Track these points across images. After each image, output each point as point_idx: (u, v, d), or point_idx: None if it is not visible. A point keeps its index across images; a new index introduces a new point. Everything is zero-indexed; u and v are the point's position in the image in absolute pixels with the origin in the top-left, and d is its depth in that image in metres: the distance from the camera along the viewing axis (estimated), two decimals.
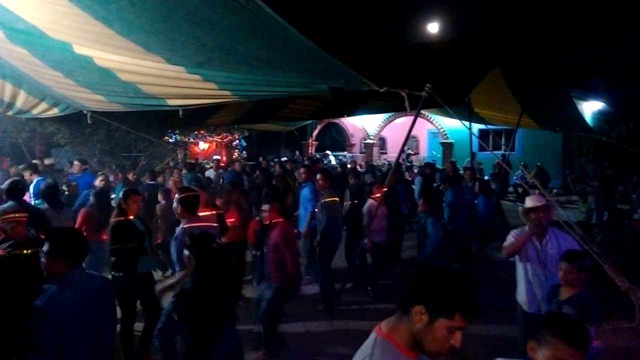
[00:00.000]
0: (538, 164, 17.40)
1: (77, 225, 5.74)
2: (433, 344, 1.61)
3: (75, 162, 9.68)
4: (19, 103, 7.50)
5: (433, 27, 20.83)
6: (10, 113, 8.17)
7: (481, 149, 18.10)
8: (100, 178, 7.52)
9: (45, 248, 2.76)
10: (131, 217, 4.99)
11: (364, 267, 7.14)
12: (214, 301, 3.22)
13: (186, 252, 3.38)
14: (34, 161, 10.12)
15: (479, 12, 20.06)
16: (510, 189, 17.37)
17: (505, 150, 15.24)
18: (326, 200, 6.73)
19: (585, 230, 7.89)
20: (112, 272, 4.83)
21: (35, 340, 2.56)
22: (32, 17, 4.07)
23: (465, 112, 9.73)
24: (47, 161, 12.47)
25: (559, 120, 12.07)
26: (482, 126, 16.46)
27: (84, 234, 5.53)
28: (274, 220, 4.92)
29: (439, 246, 6.36)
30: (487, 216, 8.06)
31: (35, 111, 7.91)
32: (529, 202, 4.20)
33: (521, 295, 4.23)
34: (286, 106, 9.97)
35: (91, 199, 6.09)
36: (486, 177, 14.25)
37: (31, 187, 7.08)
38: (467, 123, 9.00)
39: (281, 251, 4.75)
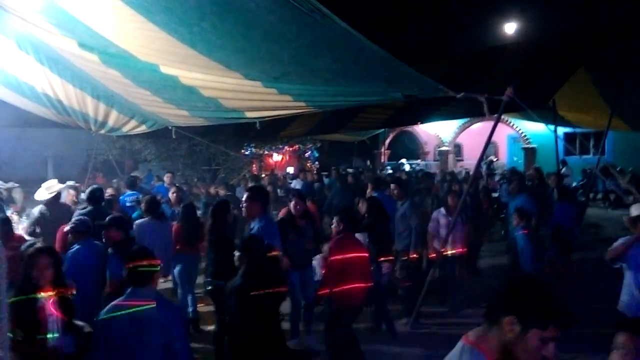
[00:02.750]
0: (631, 168, 16.05)
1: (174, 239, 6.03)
2: (525, 354, 1.59)
3: (167, 174, 10.31)
4: (110, 121, 8.10)
5: (510, 28, 19.96)
6: (102, 131, 8.84)
7: (568, 153, 17.03)
8: (172, 190, 7.92)
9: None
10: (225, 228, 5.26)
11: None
12: (259, 299, 3.41)
13: (237, 252, 3.61)
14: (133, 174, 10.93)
15: (560, 9, 18.95)
16: (601, 195, 16.17)
17: (594, 155, 14.23)
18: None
19: None
20: (209, 280, 5.06)
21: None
22: (123, 41, 4.40)
23: (550, 116, 9.21)
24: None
25: None
26: (568, 129, 15.51)
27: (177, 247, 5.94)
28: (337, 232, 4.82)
29: (535, 260, 5.96)
30: (566, 225, 7.48)
31: (125, 128, 8.50)
32: (635, 211, 4.07)
33: (623, 302, 4.06)
34: (357, 115, 9.96)
35: (179, 213, 6.41)
36: (574, 184, 13.37)
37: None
38: (552, 127, 8.51)
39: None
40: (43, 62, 5.91)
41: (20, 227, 6.37)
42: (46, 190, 6.51)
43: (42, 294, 3.16)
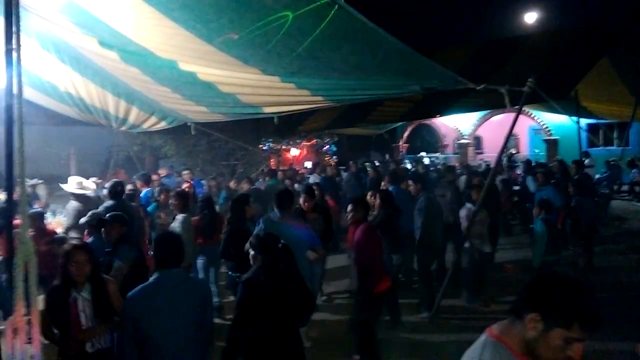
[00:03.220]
0: None
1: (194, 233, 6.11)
2: (547, 352, 1.56)
3: (185, 172, 10.42)
4: (131, 118, 8.20)
5: (530, 17, 19.60)
6: (123, 128, 8.96)
7: (591, 145, 16.67)
8: (185, 185, 8.12)
9: None
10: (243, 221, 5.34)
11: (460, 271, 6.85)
12: (272, 297, 3.35)
13: (252, 251, 3.56)
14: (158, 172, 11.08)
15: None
16: (626, 187, 15.80)
17: (618, 146, 13.90)
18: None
19: None
20: (230, 273, 5.18)
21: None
22: (142, 39, 4.44)
23: (572, 106, 9.03)
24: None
25: None
26: (592, 120, 15.19)
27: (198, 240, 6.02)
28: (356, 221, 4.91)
29: (552, 251, 5.85)
30: (585, 220, 7.26)
31: (145, 125, 8.60)
32: None
33: None
34: (375, 109, 9.91)
35: (198, 206, 6.51)
36: (598, 176, 13.10)
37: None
38: (574, 118, 8.35)
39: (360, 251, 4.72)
40: (65, 61, 6.00)
41: (54, 221, 6.58)
42: (77, 186, 6.60)
43: (79, 290, 3.21)
